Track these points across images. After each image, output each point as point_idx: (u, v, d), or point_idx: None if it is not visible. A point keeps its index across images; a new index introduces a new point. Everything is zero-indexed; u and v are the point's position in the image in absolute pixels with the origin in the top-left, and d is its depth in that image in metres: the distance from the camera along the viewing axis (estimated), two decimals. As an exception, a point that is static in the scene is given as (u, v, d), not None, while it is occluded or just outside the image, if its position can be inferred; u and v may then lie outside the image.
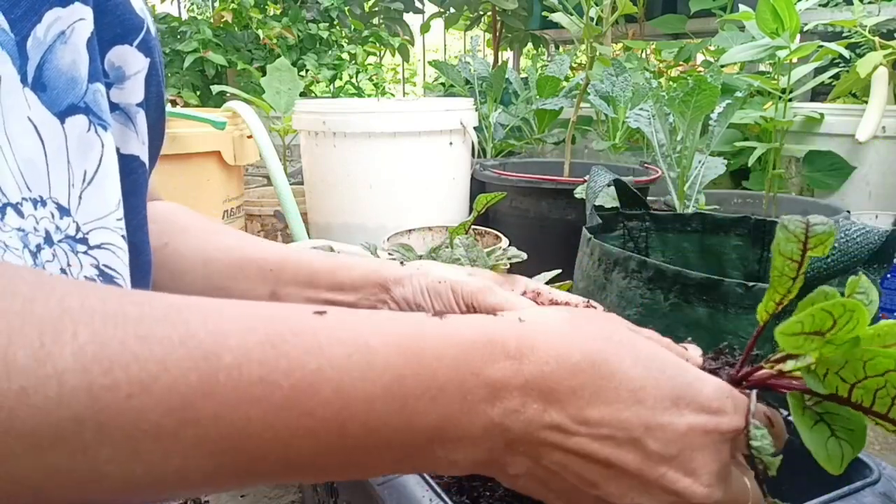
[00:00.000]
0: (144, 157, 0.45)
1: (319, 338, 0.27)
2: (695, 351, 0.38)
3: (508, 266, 1.14)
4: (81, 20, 0.36)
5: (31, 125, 0.34)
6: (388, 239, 1.21)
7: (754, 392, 0.33)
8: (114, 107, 0.42)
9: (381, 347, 0.27)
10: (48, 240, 0.35)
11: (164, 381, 0.23)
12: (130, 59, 0.42)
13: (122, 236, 0.39)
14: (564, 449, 0.30)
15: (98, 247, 0.38)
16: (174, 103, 2.96)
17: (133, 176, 0.44)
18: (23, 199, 0.33)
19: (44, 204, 0.34)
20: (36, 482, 0.22)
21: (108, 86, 0.41)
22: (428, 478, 0.44)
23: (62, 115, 0.36)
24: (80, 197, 0.37)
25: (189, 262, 0.54)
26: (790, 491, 0.44)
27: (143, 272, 0.46)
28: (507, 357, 0.29)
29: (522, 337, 0.30)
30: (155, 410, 0.23)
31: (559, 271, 0.59)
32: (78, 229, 0.37)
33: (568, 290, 0.56)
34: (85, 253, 0.37)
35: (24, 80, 0.33)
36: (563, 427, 0.29)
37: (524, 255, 0.66)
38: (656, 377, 0.31)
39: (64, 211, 0.36)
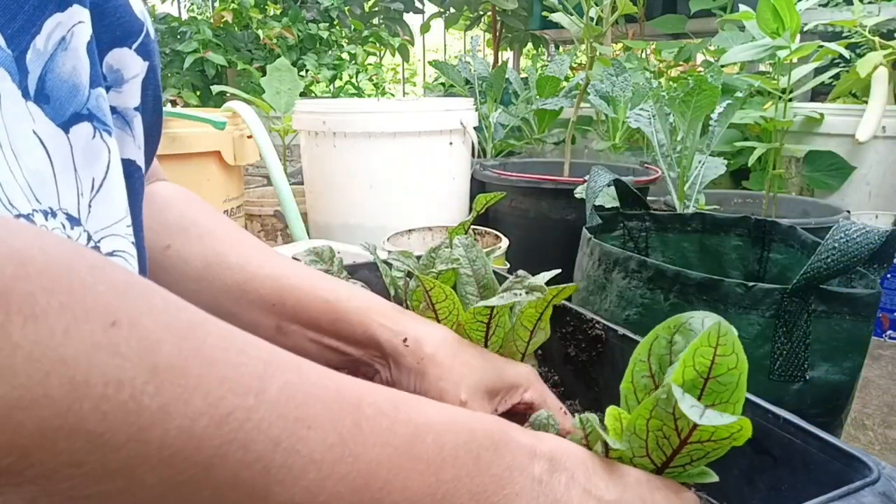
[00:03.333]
0: (141, 162, 0.44)
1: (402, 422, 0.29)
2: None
3: (508, 266, 1.14)
4: (80, 23, 0.35)
5: (37, 138, 0.33)
6: (388, 239, 1.21)
7: None
8: (111, 110, 0.41)
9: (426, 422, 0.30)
10: None
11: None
12: (129, 63, 0.41)
13: (133, 243, 0.39)
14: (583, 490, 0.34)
15: (110, 254, 0.37)
16: (174, 103, 2.96)
17: (130, 180, 0.43)
18: (33, 210, 0.33)
19: (54, 215, 0.34)
20: None
21: (107, 89, 0.40)
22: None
23: (66, 125, 0.35)
24: (89, 206, 0.36)
25: (192, 272, 0.52)
26: (789, 491, 0.44)
27: (143, 276, 0.45)
28: (525, 433, 0.34)
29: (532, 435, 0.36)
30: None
31: (558, 271, 0.59)
32: (89, 238, 0.36)
33: (571, 294, 0.55)
34: None
35: (25, 95, 0.33)
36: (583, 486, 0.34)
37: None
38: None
39: (74, 221, 0.35)
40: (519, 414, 0.52)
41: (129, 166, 0.43)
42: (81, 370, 0.20)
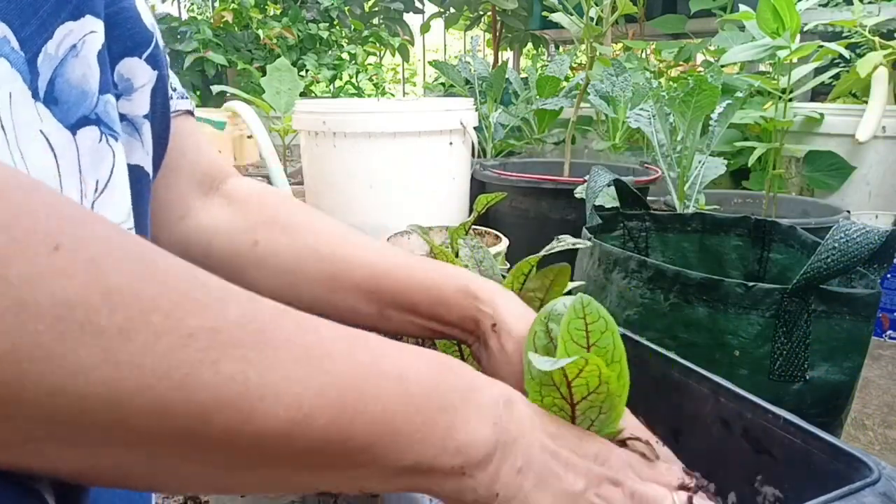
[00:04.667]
0: (149, 168, 0.45)
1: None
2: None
3: (508, 266, 1.14)
4: (93, 32, 0.36)
5: (44, 138, 0.34)
6: (387, 239, 1.21)
7: None
8: (121, 118, 0.43)
9: (416, 368, 0.32)
10: None
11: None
12: (139, 72, 0.43)
13: None
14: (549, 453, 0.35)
15: None
16: (174, 103, 2.97)
17: (137, 186, 0.45)
18: None
19: None
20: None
21: (117, 97, 0.42)
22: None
23: (73, 128, 0.36)
24: (92, 207, 0.37)
25: (284, 265, 0.53)
26: (789, 491, 0.44)
27: None
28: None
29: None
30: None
31: (565, 265, 0.59)
32: None
33: (569, 292, 0.55)
34: None
35: (35, 96, 0.34)
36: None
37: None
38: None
39: None
40: None
41: (137, 172, 0.44)
42: (28, 291, 0.20)
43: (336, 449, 0.27)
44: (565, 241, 0.60)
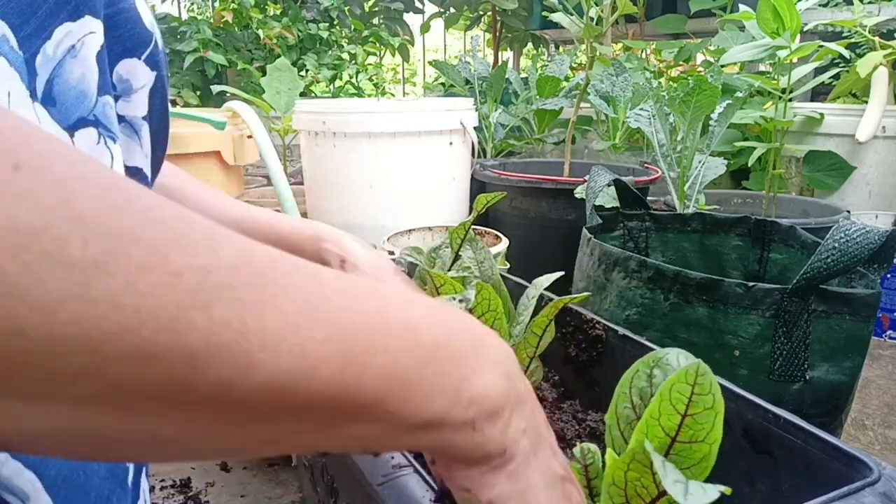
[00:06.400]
0: (147, 170, 0.45)
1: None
2: None
3: (508, 266, 1.14)
4: (92, 33, 0.36)
5: None
6: (387, 239, 1.21)
7: None
8: (120, 119, 0.42)
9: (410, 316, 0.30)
10: None
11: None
12: (138, 73, 0.43)
13: None
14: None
15: None
16: (174, 103, 2.96)
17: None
18: None
19: None
20: None
21: (116, 98, 0.41)
22: (427, 478, 0.44)
23: (72, 129, 0.35)
24: None
25: None
26: (790, 491, 0.44)
27: None
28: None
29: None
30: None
31: (561, 273, 0.59)
32: None
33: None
34: None
35: (33, 96, 0.33)
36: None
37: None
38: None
39: None
40: None
41: (136, 174, 0.44)
42: None
43: (342, 405, 0.25)
44: None
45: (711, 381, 0.34)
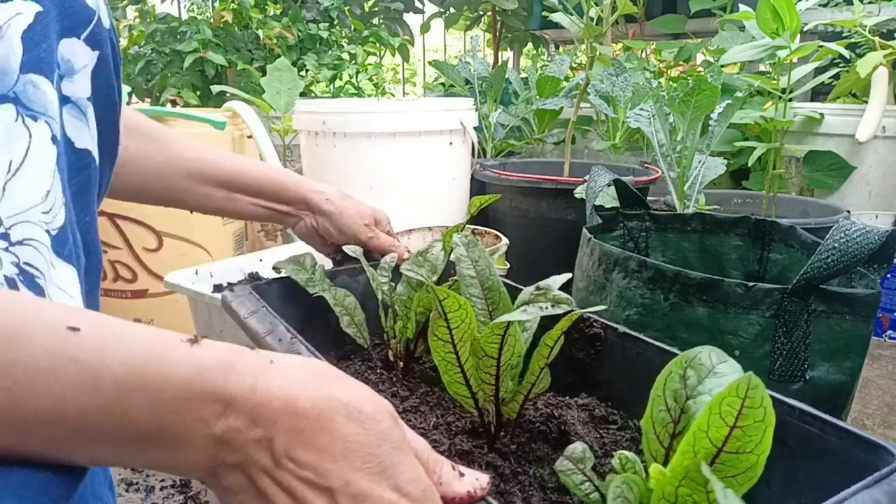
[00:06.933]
0: (95, 153, 0.44)
1: (55, 364, 0.31)
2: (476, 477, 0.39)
3: (508, 266, 1.14)
4: (19, 14, 0.37)
5: None
6: (388, 239, 1.21)
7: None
8: (66, 100, 0.42)
9: (117, 368, 0.31)
10: None
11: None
12: (78, 53, 0.42)
13: (47, 231, 0.39)
14: (272, 477, 0.33)
15: (20, 243, 0.37)
16: (174, 103, 2.96)
17: (87, 171, 0.44)
18: None
19: None
20: None
21: (61, 78, 0.41)
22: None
23: None
24: (3, 189, 0.36)
25: (154, 165, 0.69)
26: (807, 479, 0.44)
27: (94, 271, 0.46)
28: (244, 384, 0.33)
29: (263, 374, 0.34)
30: None
31: (569, 276, 0.58)
32: (0, 223, 0.36)
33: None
34: (6, 250, 0.36)
35: None
36: (275, 457, 0.33)
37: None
38: (372, 446, 0.34)
39: None
40: (550, 441, 0.54)
41: (85, 157, 0.43)
42: None
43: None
44: None
45: (763, 395, 0.34)
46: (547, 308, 0.49)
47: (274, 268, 0.73)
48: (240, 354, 0.35)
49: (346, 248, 0.76)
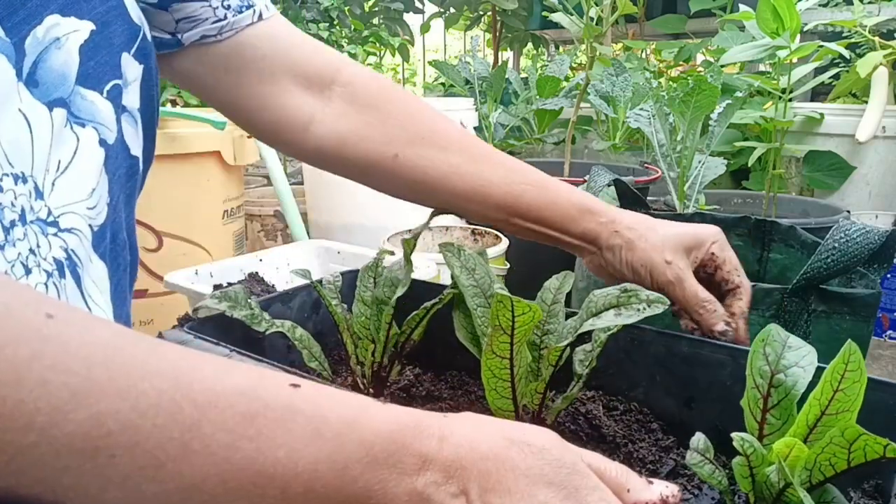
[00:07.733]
0: (141, 160, 0.48)
1: (286, 415, 0.31)
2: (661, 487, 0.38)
3: (508, 266, 1.14)
4: (76, 31, 0.40)
5: (21, 115, 0.37)
6: (388, 239, 1.21)
7: None
8: (123, 108, 0.45)
9: (335, 421, 0.32)
10: (22, 218, 0.37)
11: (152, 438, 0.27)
12: (130, 67, 0.45)
13: (89, 225, 0.42)
14: None
15: (68, 231, 0.40)
16: (174, 103, 2.96)
17: (136, 177, 0.47)
18: (3, 174, 0.36)
19: (24, 181, 0.37)
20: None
21: (121, 88, 0.45)
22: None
23: (50, 105, 0.39)
24: (53, 184, 0.40)
25: (429, 179, 0.62)
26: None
27: (133, 269, 0.49)
28: (432, 437, 0.34)
29: (444, 426, 0.35)
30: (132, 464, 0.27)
31: (572, 274, 0.58)
32: (49, 213, 0.39)
33: (571, 294, 0.55)
34: (55, 235, 0.40)
35: (18, 75, 0.37)
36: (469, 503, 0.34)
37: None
38: (551, 475, 0.35)
39: (39, 194, 0.39)
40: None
41: (136, 164, 0.47)
42: None
43: None
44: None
45: (859, 358, 0.37)
46: (644, 309, 0.49)
47: (195, 310, 0.60)
48: (418, 411, 0.36)
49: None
